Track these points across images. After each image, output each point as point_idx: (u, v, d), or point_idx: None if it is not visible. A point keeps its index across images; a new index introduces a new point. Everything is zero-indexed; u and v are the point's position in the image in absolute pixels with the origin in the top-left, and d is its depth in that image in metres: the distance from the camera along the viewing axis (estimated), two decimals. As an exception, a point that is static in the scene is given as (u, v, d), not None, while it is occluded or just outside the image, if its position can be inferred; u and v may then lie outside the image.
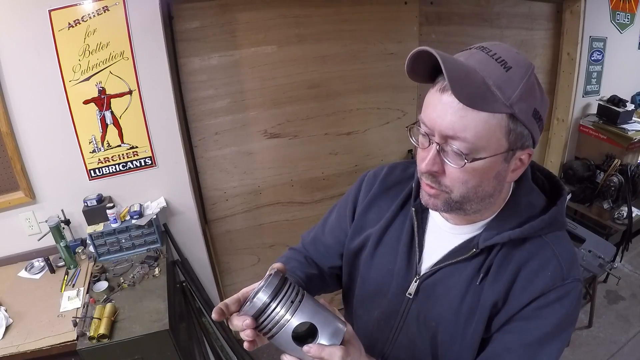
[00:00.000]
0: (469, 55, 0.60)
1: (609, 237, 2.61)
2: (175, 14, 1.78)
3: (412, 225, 0.77)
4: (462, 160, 0.59)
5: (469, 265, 0.70)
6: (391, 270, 0.79)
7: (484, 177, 0.62)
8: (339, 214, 0.92)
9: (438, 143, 0.60)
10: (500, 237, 0.67)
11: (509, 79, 0.57)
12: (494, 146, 0.59)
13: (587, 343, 2.38)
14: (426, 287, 0.74)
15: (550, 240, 0.68)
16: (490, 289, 0.68)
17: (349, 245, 0.87)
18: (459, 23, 2.32)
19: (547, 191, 0.74)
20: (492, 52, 0.59)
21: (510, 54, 0.59)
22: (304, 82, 2.09)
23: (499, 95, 0.57)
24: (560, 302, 0.65)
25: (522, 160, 0.64)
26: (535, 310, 0.66)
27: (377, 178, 0.86)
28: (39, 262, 1.75)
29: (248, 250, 2.35)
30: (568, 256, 0.68)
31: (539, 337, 0.65)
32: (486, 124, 0.57)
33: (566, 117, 2.79)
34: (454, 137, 0.58)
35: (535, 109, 0.60)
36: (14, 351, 1.34)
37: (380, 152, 2.38)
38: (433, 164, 0.61)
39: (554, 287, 0.65)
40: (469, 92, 0.55)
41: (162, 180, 1.90)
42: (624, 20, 2.75)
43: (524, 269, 0.67)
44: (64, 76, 1.62)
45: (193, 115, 1.97)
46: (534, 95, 0.60)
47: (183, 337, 1.70)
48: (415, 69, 0.61)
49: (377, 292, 0.81)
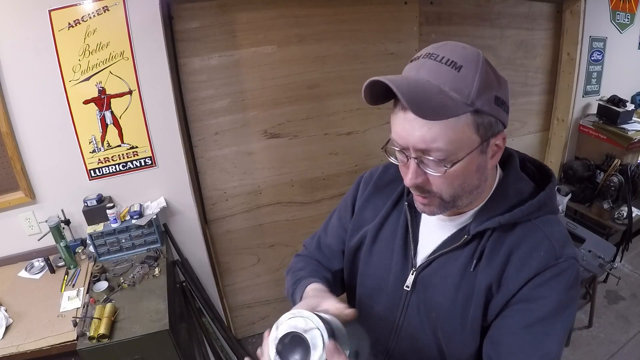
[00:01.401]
0: (419, 67, 0.62)
1: (609, 237, 2.61)
2: (175, 14, 1.78)
3: (406, 219, 0.79)
4: (442, 167, 0.61)
5: (462, 253, 0.71)
6: (388, 265, 0.80)
7: (467, 174, 0.64)
8: (339, 215, 0.94)
9: (415, 158, 0.62)
10: (490, 222, 0.68)
11: (462, 79, 0.59)
12: (467, 144, 0.61)
13: (587, 343, 2.38)
14: (423, 278, 0.76)
15: (540, 223, 0.69)
16: (484, 274, 0.69)
17: (349, 244, 0.88)
18: (459, 23, 2.32)
19: (537, 180, 0.75)
20: (439, 57, 0.60)
21: (457, 52, 0.61)
22: (303, 82, 2.09)
23: (457, 98, 0.59)
24: (556, 280, 0.66)
25: (498, 145, 0.66)
26: (532, 290, 0.66)
27: (373, 177, 0.89)
28: (39, 262, 1.75)
29: (248, 250, 2.35)
30: (560, 237, 0.69)
31: (541, 317, 0.65)
32: (454, 128, 0.59)
33: (566, 117, 2.79)
34: (427, 149, 0.60)
35: (496, 95, 0.62)
36: (14, 351, 1.34)
37: (380, 152, 2.35)
38: (416, 177, 0.64)
39: (548, 266, 0.66)
40: (428, 106, 0.57)
41: (162, 180, 1.90)
42: (624, 20, 2.75)
43: (516, 251, 0.68)
44: (64, 76, 1.62)
45: (193, 115, 1.97)
46: (491, 83, 0.61)
47: (183, 337, 1.70)
48: (372, 95, 0.63)
49: (377, 288, 0.83)
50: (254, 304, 2.48)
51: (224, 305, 2.37)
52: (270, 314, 2.54)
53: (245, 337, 2.54)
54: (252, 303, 2.48)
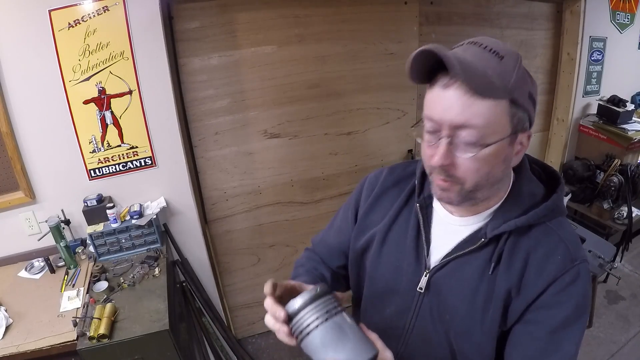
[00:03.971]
0: (464, 50, 0.63)
1: (609, 237, 2.61)
2: (175, 14, 1.78)
3: (418, 220, 0.79)
4: (473, 148, 0.61)
5: (479, 256, 0.71)
6: (399, 267, 0.80)
7: (494, 162, 0.64)
8: (343, 215, 0.94)
9: (448, 136, 0.62)
10: (507, 226, 0.69)
11: (504, 67, 0.61)
12: (500, 131, 0.62)
13: (587, 343, 2.38)
14: (437, 280, 0.75)
15: (554, 225, 0.70)
16: (503, 278, 0.69)
17: (354, 246, 0.88)
18: (459, 23, 2.32)
19: (543, 181, 0.76)
20: (483, 45, 0.62)
21: (499, 45, 0.63)
22: (304, 82, 2.09)
23: (499, 83, 0.60)
24: (574, 284, 0.67)
25: (522, 144, 0.68)
26: (554, 296, 0.67)
27: (379, 179, 0.88)
28: (39, 262, 1.75)
29: (248, 250, 2.35)
30: (573, 239, 0.71)
31: (562, 322, 0.67)
32: (493, 110, 0.60)
33: (566, 117, 2.79)
34: (464, 125, 0.61)
35: (530, 92, 0.64)
36: (14, 351, 1.34)
37: (380, 152, 2.38)
38: (445, 157, 0.63)
39: (565, 269, 0.67)
40: (477, 82, 0.58)
41: (162, 180, 1.90)
42: (624, 20, 2.75)
43: (533, 254, 0.69)
44: (64, 76, 1.62)
45: (193, 115, 1.97)
46: (526, 80, 0.64)
47: (183, 337, 1.70)
48: (415, 69, 0.63)
49: (387, 290, 0.82)
50: (254, 304, 2.48)
51: (224, 305, 2.37)
52: (270, 314, 2.53)
53: (245, 337, 2.54)
54: (252, 303, 2.48)
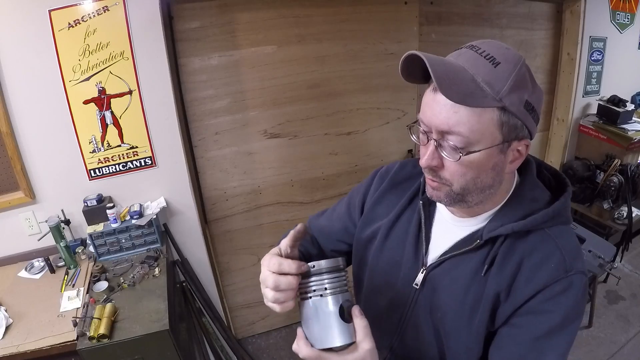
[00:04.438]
0: (459, 55, 0.64)
1: (609, 237, 2.61)
2: (175, 14, 1.78)
3: (420, 217, 0.80)
4: (457, 153, 0.62)
5: (474, 257, 0.72)
6: (399, 261, 0.81)
7: (482, 168, 0.64)
8: (349, 202, 0.95)
9: (435, 139, 0.64)
10: (503, 229, 0.68)
11: (497, 74, 0.60)
12: (489, 139, 0.62)
13: (587, 343, 2.38)
14: (432, 277, 0.76)
15: (553, 233, 0.69)
16: (494, 280, 0.69)
17: (359, 236, 0.89)
18: (459, 23, 2.32)
19: (553, 188, 0.75)
20: (480, 50, 0.62)
21: (499, 51, 0.62)
22: (304, 82, 2.09)
23: (488, 90, 0.60)
24: (564, 295, 0.66)
25: (519, 151, 0.66)
26: (541, 303, 0.67)
27: (389, 173, 0.89)
28: (39, 262, 1.75)
29: (248, 250, 2.35)
30: (571, 249, 0.69)
31: (547, 330, 0.66)
32: (478, 118, 0.60)
33: (566, 117, 2.79)
34: (449, 132, 0.61)
35: (527, 100, 0.62)
36: (14, 351, 1.34)
37: (380, 152, 2.38)
38: (432, 158, 0.65)
39: (557, 278, 0.66)
40: (457, 90, 0.59)
41: (162, 180, 1.90)
42: (624, 20, 2.75)
43: (527, 260, 0.68)
44: (64, 76, 1.62)
45: (193, 115, 1.97)
46: (525, 87, 0.62)
47: (183, 337, 1.70)
48: (409, 71, 0.64)
49: (385, 283, 0.83)
50: (254, 304, 2.48)
51: (224, 305, 2.37)
52: (270, 314, 2.54)
53: (245, 337, 2.54)
54: (252, 303, 2.48)
